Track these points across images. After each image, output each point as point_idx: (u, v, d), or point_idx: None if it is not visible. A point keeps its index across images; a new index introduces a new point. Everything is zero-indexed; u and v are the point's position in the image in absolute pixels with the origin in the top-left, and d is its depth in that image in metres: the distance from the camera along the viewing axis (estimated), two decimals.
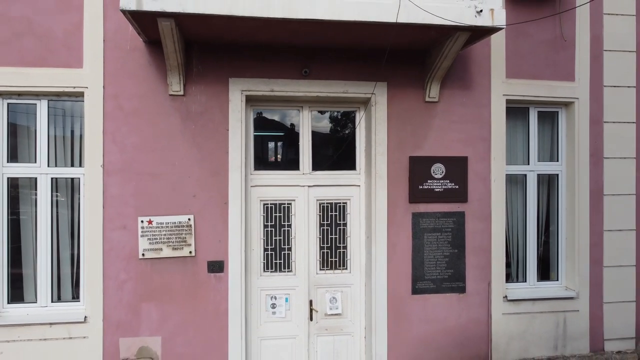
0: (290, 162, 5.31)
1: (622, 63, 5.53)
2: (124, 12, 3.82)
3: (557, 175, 5.64)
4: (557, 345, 5.43)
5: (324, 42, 4.70)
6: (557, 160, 5.64)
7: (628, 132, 5.55)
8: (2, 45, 4.51)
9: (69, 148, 4.88)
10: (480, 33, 4.45)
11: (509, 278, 5.56)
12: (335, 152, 5.36)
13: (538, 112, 5.59)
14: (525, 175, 5.59)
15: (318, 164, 5.29)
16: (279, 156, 5.41)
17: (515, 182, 5.61)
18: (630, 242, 5.55)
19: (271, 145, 5.41)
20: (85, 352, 4.62)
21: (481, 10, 4.23)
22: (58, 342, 4.59)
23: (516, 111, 5.54)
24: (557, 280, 5.64)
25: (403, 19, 4.10)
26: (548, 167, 5.63)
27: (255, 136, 5.19)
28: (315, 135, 5.31)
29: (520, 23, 5.12)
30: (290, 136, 5.31)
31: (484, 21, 4.26)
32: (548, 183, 5.74)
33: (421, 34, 4.42)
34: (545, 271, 5.72)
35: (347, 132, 5.41)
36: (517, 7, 5.30)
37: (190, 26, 4.20)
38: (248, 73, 4.86)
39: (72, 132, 4.88)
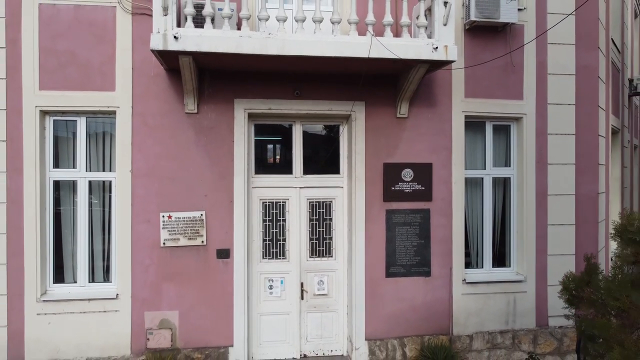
0: (285, 167, 6.34)
1: (564, 84, 6.57)
2: (153, 51, 4.88)
3: (509, 178, 6.69)
4: (508, 320, 6.47)
5: (312, 70, 5.74)
6: (509, 166, 6.69)
7: (568, 142, 6.60)
8: (50, 74, 5.55)
9: (101, 156, 5.92)
10: (437, 65, 5.50)
11: (468, 265, 6.60)
12: (322, 159, 6.41)
13: (493, 125, 6.64)
14: (482, 178, 6.64)
15: (308, 169, 6.34)
16: (277, 157, 6.45)
17: (474, 184, 6.66)
18: (570, 235, 6.59)
19: (270, 146, 6.46)
20: (117, 323, 5.66)
21: (437, 47, 5.29)
22: (95, 315, 5.63)
23: (474, 125, 6.58)
24: (509, 266, 6.68)
25: (374, 54, 5.15)
26: (501, 172, 6.68)
27: (256, 140, 6.23)
28: (306, 145, 6.35)
29: (473, 66, 6.18)
30: (286, 138, 6.32)
31: (439, 55, 5.32)
32: (503, 185, 6.78)
33: (389, 65, 5.45)
34: (501, 259, 6.77)
35: (332, 142, 6.45)
36: (474, 39, 6.34)
37: (204, 60, 5.24)
38: (250, 94, 5.91)
39: (104, 143, 5.92)
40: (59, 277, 5.84)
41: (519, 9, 6.35)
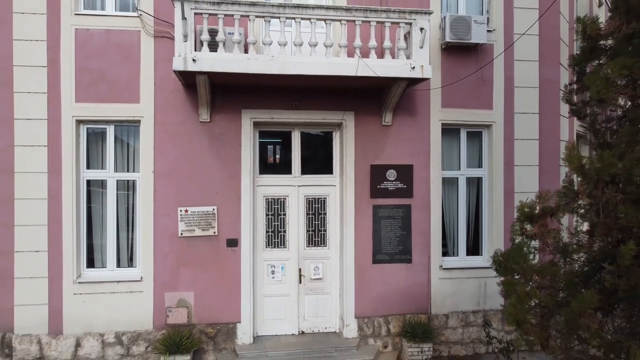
0: (285, 167, 7.27)
1: (528, 96, 7.52)
2: (175, 71, 5.83)
3: (481, 178, 7.64)
4: (480, 302, 7.41)
5: (309, 85, 6.66)
6: (481, 167, 7.64)
7: (533, 147, 7.55)
8: (84, 89, 6.48)
9: (126, 158, 6.85)
10: (415, 81, 6.45)
11: (445, 254, 7.53)
12: (318, 160, 7.35)
13: (467, 131, 7.58)
14: (457, 178, 7.59)
15: (305, 169, 7.28)
16: (278, 158, 7.38)
17: (451, 183, 7.60)
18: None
19: (272, 149, 7.39)
20: (141, 302, 6.60)
21: (414, 67, 6.23)
22: (122, 295, 6.57)
23: (450, 131, 7.52)
24: (481, 255, 7.63)
25: (361, 73, 6.09)
26: (474, 172, 7.64)
27: (260, 142, 7.17)
28: (303, 148, 7.29)
29: (449, 85, 7.12)
30: (287, 142, 7.25)
31: (416, 74, 6.26)
32: (477, 184, 7.72)
33: (375, 81, 6.38)
34: (475, 248, 7.71)
35: (326, 146, 7.39)
36: (450, 57, 7.28)
37: (217, 77, 6.17)
38: (255, 105, 6.84)
39: (128, 147, 6.86)
40: (90, 263, 6.77)
41: (489, 31, 7.30)
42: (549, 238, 3.36)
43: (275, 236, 7.22)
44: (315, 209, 7.32)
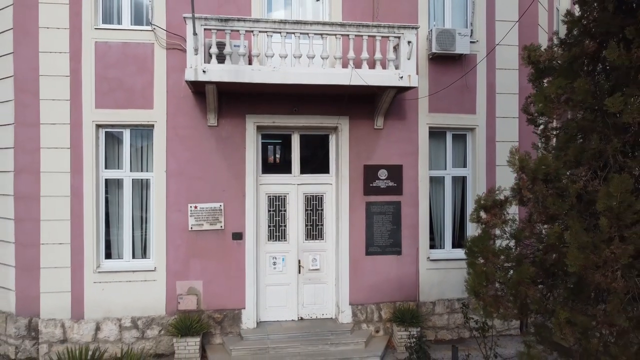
0: (286, 167, 7.93)
1: (509, 101, 8.19)
2: (186, 81, 6.48)
3: (466, 177, 8.31)
4: (464, 290, 8.00)
5: (307, 92, 7.32)
6: (466, 167, 8.31)
7: (507, 148, 8.18)
8: (103, 96, 7.13)
9: (140, 159, 7.51)
10: (403, 89, 7.11)
11: (433, 246, 8.20)
12: (316, 161, 8.02)
13: (452, 134, 8.25)
14: (444, 177, 8.26)
15: (304, 169, 7.94)
16: (280, 159, 8.05)
17: (437, 182, 8.27)
18: None
19: (273, 151, 8.05)
20: (155, 290, 7.26)
21: (402, 77, 6.89)
22: (138, 283, 7.22)
23: (437, 134, 8.18)
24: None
25: (354, 82, 6.75)
26: (459, 171, 8.31)
27: (263, 143, 7.84)
28: (302, 149, 7.94)
29: (435, 93, 7.78)
30: (287, 143, 7.93)
31: (404, 83, 6.92)
32: (462, 182, 8.39)
33: (367, 89, 7.04)
34: (460, 241, 8.35)
35: (323, 148, 8.05)
36: (436, 66, 7.95)
37: (224, 86, 6.82)
38: (258, 111, 7.50)
39: (142, 149, 7.52)
40: (108, 255, 7.42)
41: (472, 42, 7.96)
42: (500, 224, 4.03)
43: (277, 230, 7.87)
44: (313, 206, 7.98)
